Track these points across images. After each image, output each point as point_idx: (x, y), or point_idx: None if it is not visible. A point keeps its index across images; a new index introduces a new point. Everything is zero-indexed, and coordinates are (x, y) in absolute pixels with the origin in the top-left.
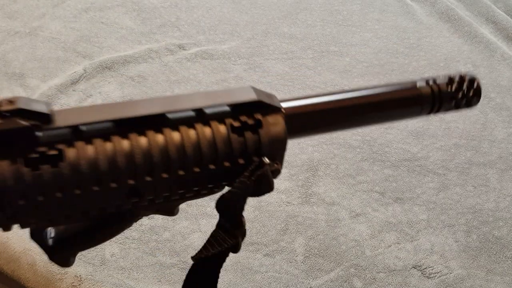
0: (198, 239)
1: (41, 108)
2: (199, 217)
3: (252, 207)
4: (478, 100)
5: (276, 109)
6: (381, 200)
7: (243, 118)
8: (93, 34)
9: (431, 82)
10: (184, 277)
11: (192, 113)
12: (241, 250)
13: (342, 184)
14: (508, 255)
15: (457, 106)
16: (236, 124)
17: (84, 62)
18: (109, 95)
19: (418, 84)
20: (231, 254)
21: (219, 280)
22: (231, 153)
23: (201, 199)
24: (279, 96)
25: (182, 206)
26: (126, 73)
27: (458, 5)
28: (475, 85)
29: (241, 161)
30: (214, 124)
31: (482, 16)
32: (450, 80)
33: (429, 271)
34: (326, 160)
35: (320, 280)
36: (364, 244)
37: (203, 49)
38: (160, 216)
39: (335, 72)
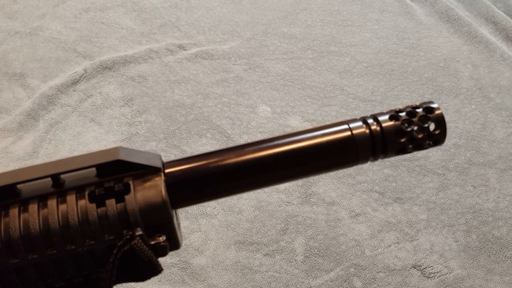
0: (198, 239)
1: None
2: (199, 217)
3: (252, 207)
4: (439, 142)
5: (152, 170)
6: (380, 200)
7: (109, 184)
8: (93, 34)
9: (370, 120)
10: (184, 277)
11: (50, 186)
12: (241, 250)
13: (342, 184)
14: (508, 255)
15: (406, 151)
16: (98, 191)
17: (84, 62)
18: (110, 95)
19: (352, 125)
20: (231, 253)
21: (220, 280)
22: (88, 228)
23: None
24: (279, 96)
25: None
26: (126, 73)
27: (458, 5)
28: (436, 125)
29: (108, 236)
30: (70, 195)
31: (482, 16)
32: (401, 117)
33: (428, 271)
34: None
35: (320, 279)
36: (364, 244)
37: (203, 49)
38: None
39: (335, 72)
